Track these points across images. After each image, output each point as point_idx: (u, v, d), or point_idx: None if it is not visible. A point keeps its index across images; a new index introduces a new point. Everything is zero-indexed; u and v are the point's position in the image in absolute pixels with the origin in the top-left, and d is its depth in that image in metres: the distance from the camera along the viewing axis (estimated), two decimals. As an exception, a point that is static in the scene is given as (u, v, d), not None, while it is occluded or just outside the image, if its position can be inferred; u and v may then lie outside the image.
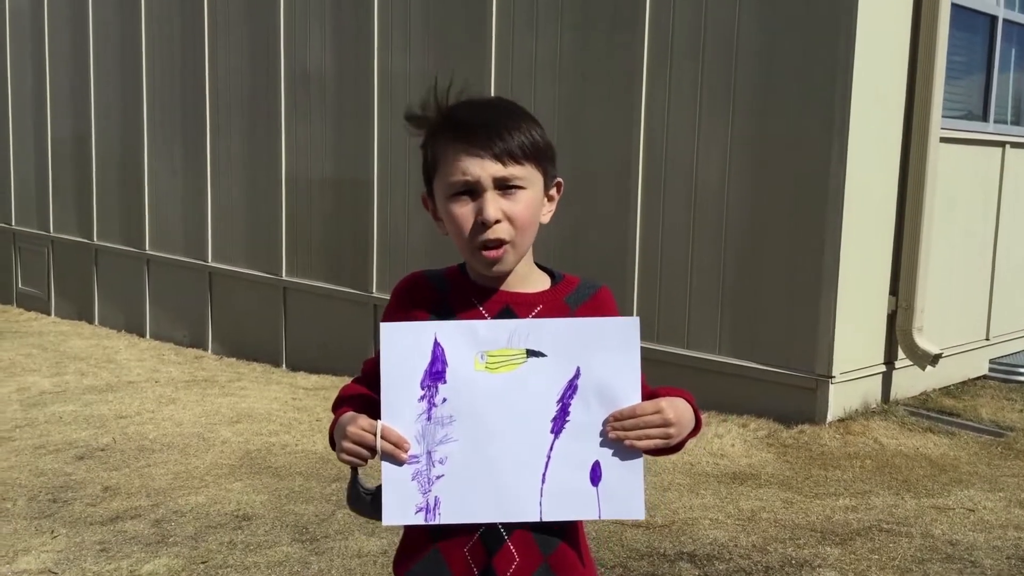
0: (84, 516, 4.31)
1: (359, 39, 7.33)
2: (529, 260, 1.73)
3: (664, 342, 5.94)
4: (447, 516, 1.59)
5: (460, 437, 1.58)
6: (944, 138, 5.86)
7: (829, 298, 5.40)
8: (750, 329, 5.71)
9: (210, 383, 7.12)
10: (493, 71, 6.55)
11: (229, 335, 8.58)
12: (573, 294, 1.74)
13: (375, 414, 1.61)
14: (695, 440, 1.77)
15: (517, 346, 1.59)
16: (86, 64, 9.68)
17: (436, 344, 1.58)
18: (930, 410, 5.87)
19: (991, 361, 6.84)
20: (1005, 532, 4.14)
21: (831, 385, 5.46)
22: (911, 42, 5.68)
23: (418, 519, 1.59)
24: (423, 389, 1.58)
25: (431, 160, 1.69)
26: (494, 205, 1.61)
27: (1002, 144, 6.71)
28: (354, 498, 1.76)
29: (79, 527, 4.18)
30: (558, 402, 1.59)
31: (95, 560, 3.84)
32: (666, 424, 1.58)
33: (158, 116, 9.00)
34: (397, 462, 1.59)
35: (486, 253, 1.63)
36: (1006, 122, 6.95)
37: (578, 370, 1.58)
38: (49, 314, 10.46)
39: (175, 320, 9.05)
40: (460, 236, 1.64)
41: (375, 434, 1.58)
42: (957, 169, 6.22)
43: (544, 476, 1.58)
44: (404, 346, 1.59)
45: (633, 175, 6.00)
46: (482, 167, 1.61)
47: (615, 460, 1.58)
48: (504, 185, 1.62)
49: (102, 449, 5.32)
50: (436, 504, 1.58)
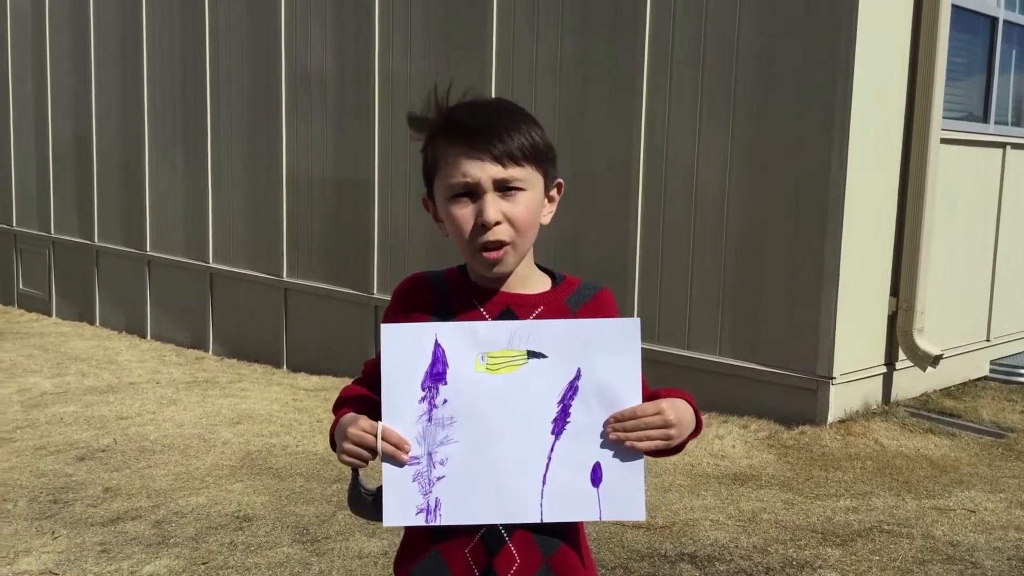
0: (85, 517, 4.31)
1: (360, 40, 7.33)
2: (530, 261, 1.73)
3: (665, 343, 5.95)
4: (448, 517, 1.59)
5: (461, 438, 1.58)
6: (945, 139, 5.86)
7: (830, 299, 5.40)
8: (751, 330, 5.71)
9: (211, 384, 7.12)
10: (494, 73, 6.55)
11: (230, 336, 8.59)
12: (574, 295, 1.74)
13: (376, 415, 1.61)
14: (696, 441, 1.77)
15: (518, 347, 1.59)
16: (87, 65, 9.68)
17: (437, 345, 1.59)
18: (931, 411, 5.87)
19: (992, 362, 6.84)
20: (1006, 533, 4.14)
21: (832, 386, 5.47)
22: (911, 44, 5.68)
23: (419, 520, 1.59)
24: (424, 390, 1.59)
25: (431, 162, 1.69)
26: (494, 207, 1.61)
27: (1003, 145, 6.71)
28: (355, 500, 1.76)
29: (80, 528, 4.18)
30: (559, 403, 1.59)
31: (96, 561, 3.84)
32: (667, 425, 1.58)
33: (159, 117, 9.01)
34: (398, 463, 1.59)
35: (486, 254, 1.63)
36: (1006, 123, 6.95)
37: (579, 371, 1.58)
38: (50, 315, 10.47)
39: (176, 321, 9.06)
40: (460, 238, 1.65)
41: (376, 435, 1.58)
42: (958, 170, 6.22)
43: (545, 477, 1.58)
44: (405, 347, 1.59)
45: (634, 176, 6.01)
46: (482, 169, 1.61)
47: (616, 461, 1.58)
48: (504, 187, 1.62)
49: (103, 450, 5.33)
50: (437, 505, 1.58)
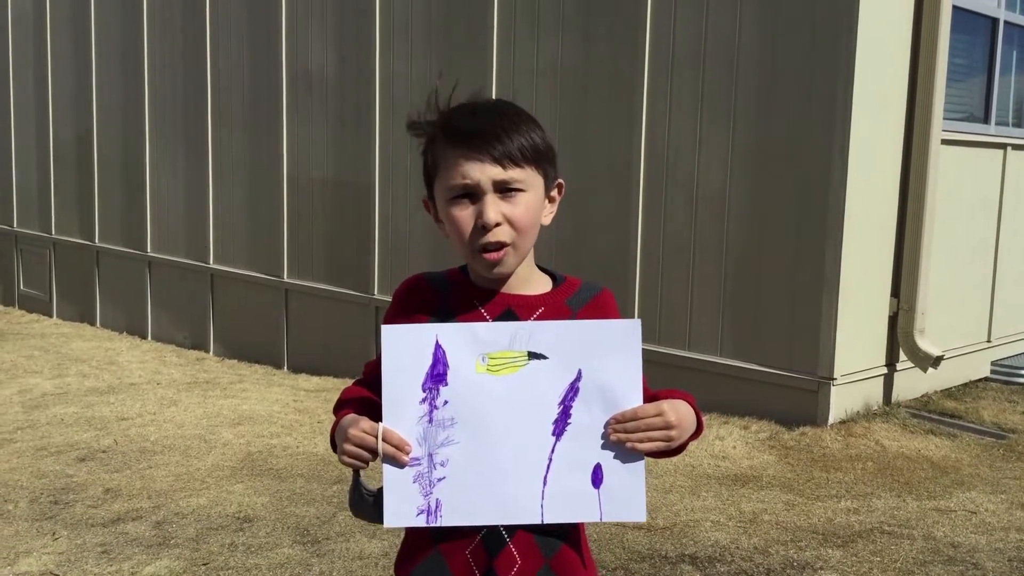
0: (85, 518, 4.31)
1: (360, 41, 7.33)
2: (530, 262, 1.73)
3: (666, 344, 5.94)
4: (448, 518, 1.59)
5: (461, 439, 1.58)
6: (945, 140, 5.86)
7: (830, 300, 5.40)
8: (752, 331, 5.71)
9: (211, 385, 7.12)
10: (494, 74, 6.56)
11: (230, 337, 8.59)
12: (575, 296, 1.74)
13: (376, 416, 1.61)
14: (696, 442, 1.77)
15: (518, 348, 1.59)
16: (88, 66, 9.68)
17: (437, 346, 1.58)
18: (931, 412, 5.86)
19: (992, 363, 6.83)
20: (1007, 534, 4.14)
21: (832, 387, 5.46)
22: (912, 44, 5.68)
23: (419, 521, 1.59)
24: (424, 391, 1.58)
25: (431, 163, 1.69)
26: (494, 208, 1.61)
27: (1003, 146, 6.71)
28: (356, 502, 1.76)
29: (80, 529, 4.18)
30: (559, 404, 1.58)
31: (96, 562, 3.84)
32: (668, 426, 1.58)
33: (160, 118, 9.01)
34: (398, 464, 1.59)
35: (486, 255, 1.63)
36: (1007, 124, 6.95)
37: (579, 372, 1.58)
38: (51, 316, 10.47)
39: (177, 322, 9.06)
40: (460, 239, 1.65)
41: (376, 436, 1.58)
42: (958, 171, 6.22)
43: (545, 478, 1.58)
44: (405, 348, 1.59)
45: (634, 177, 6.01)
46: (482, 170, 1.61)
47: (616, 462, 1.58)
48: (504, 188, 1.62)
49: (103, 451, 5.32)
50: (437, 506, 1.58)
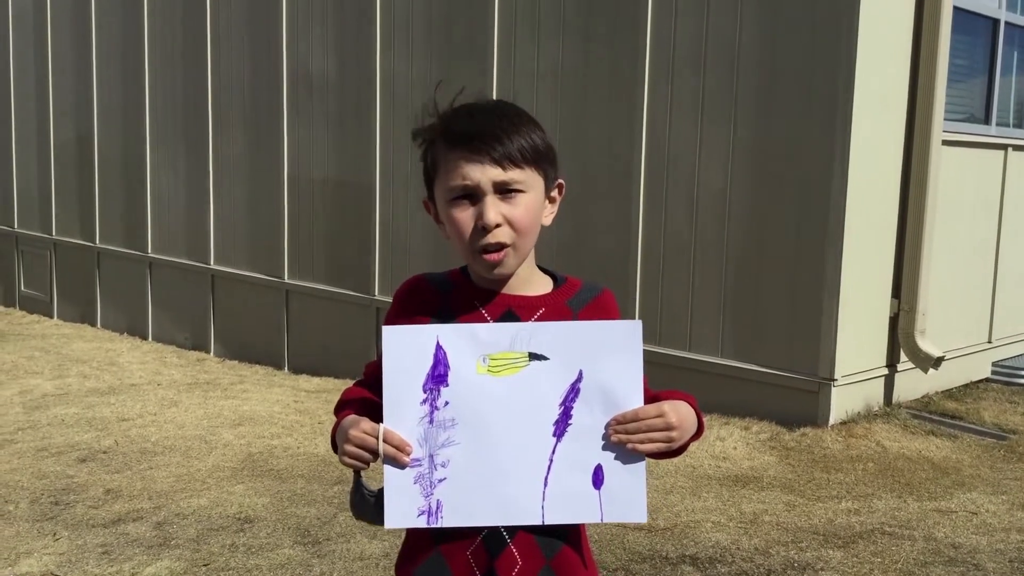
0: (86, 518, 4.31)
1: (361, 42, 7.33)
2: (531, 263, 1.73)
3: (666, 345, 5.94)
4: (449, 519, 1.58)
5: (462, 440, 1.58)
6: (946, 141, 5.86)
7: (831, 301, 5.40)
8: (752, 332, 5.71)
9: (212, 386, 7.12)
10: (495, 75, 6.55)
11: (231, 338, 8.59)
12: (575, 297, 1.74)
13: (377, 417, 1.61)
14: (697, 443, 1.76)
15: (519, 349, 1.59)
16: (89, 67, 9.68)
17: (438, 347, 1.58)
18: (932, 413, 5.86)
19: (993, 364, 6.83)
20: (1008, 535, 4.14)
21: (833, 388, 5.46)
22: (913, 45, 5.68)
23: (420, 522, 1.59)
24: (425, 392, 1.58)
25: (432, 164, 1.69)
26: (494, 209, 1.61)
27: (1004, 147, 6.71)
28: (357, 503, 1.76)
29: (81, 529, 4.18)
30: (560, 405, 1.58)
31: (97, 563, 3.84)
32: (668, 427, 1.58)
33: (160, 119, 9.01)
34: (399, 465, 1.58)
35: (487, 256, 1.63)
36: (1008, 125, 6.95)
37: (580, 373, 1.58)
38: (51, 317, 10.47)
39: (177, 323, 9.06)
40: (461, 240, 1.65)
41: (377, 437, 1.58)
42: (959, 172, 6.22)
43: (546, 479, 1.58)
44: (406, 349, 1.59)
45: (635, 178, 6.01)
46: (482, 172, 1.61)
47: (617, 463, 1.58)
48: (504, 189, 1.62)
49: (104, 452, 5.33)
50: (438, 507, 1.58)
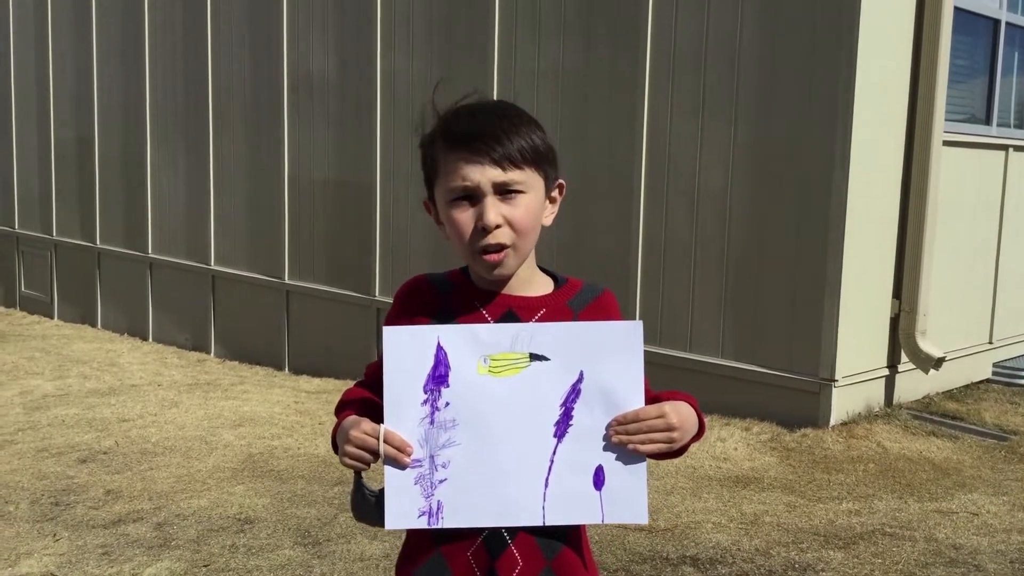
0: (86, 519, 4.31)
1: (361, 42, 7.33)
2: (532, 263, 1.73)
3: (667, 345, 5.94)
4: (450, 520, 1.58)
5: (463, 441, 1.58)
6: (947, 141, 5.85)
7: (832, 301, 5.40)
8: (753, 333, 5.71)
9: (213, 386, 7.12)
10: (495, 75, 6.55)
11: (232, 338, 8.59)
12: (576, 297, 1.74)
13: (378, 418, 1.60)
14: (698, 444, 1.76)
15: (520, 350, 1.58)
16: (89, 68, 9.69)
17: (439, 348, 1.58)
18: (933, 414, 5.86)
19: (994, 365, 6.83)
20: (1009, 536, 4.13)
21: (834, 388, 5.46)
22: (914, 46, 5.68)
23: (421, 523, 1.59)
24: (426, 393, 1.58)
25: (432, 165, 1.68)
26: (494, 210, 1.61)
27: (1005, 147, 6.71)
28: (358, 503, 1.75)
29: (81, 530, 4.18)
30: (561, 406, 1.58)
31: (97, 563, 3.84)
32: (669, 428, 1.58)
33: (161, 119, 9.01)
34: (400, 466, 1.58)
35: (487, 257, 1.63)
36: (1009, 125, 6.95)
37: (581, 374, 1.58)
38: (52, 317, 10.47)
39: (178, 323, 9.06)
40: (461, 241, 1.64)
41: (378, 438, 1.58)
42: (960, 172, 6.22)
43: (547, 480, 1.58)
44: (407, 350, 1.58)
45: (636, 178, 6.00)
46: (482, 173, 1.61)
47: (618, 464, 1.58)
48: (504, 190, 1.62)
49: (104, 452, 5.32)
50: (439, 508, 1.58)
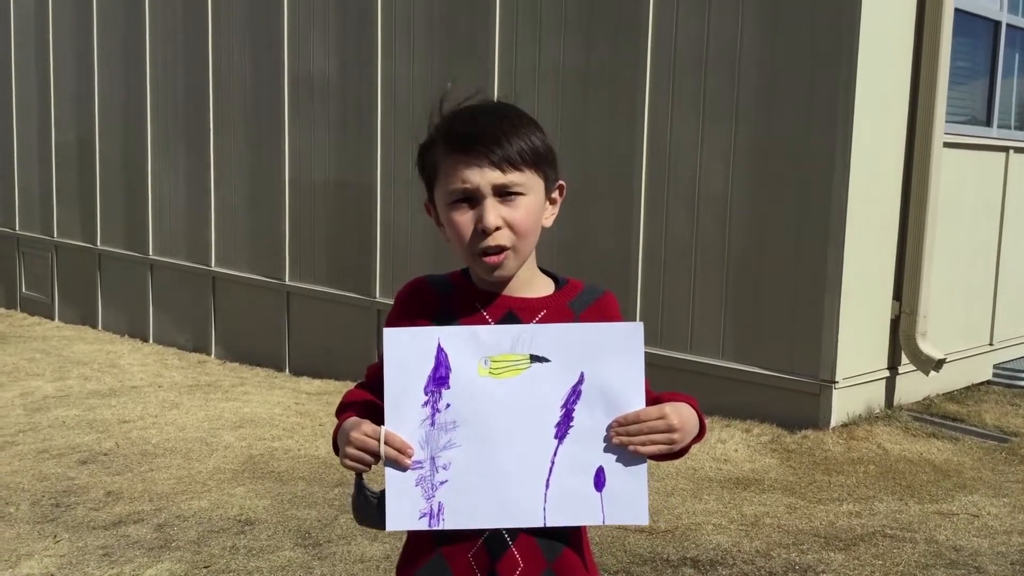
0: (87, 520, 4.31)
1: (362, 44, 7.33)
2: (532, 265, 1.73)
3: (667, 347, 5.94)
4: (451, 521, 1.58)
5: (464, 442, 1.58)
6: (947, 143, 5.85)
7: (832, 303, 5.40)
8: (753, 334, 5.70)
9: (213, 388, 7.12)
10: (496, 77, 6.55)
11: (232, 340, 8.59)
12: (577, 299, 1.74)
13: (379, 420, 1.60)
14: (699, 445, 1.76)
15: (521, 351, 1.58)
16: (90, 69, 9.69)
17: (439, 349, 1.58)
18: (934, 415, 5.86)
19: (995, 366, 6.82)
20: (1009, 538, 4.13)
21: (834, 390, 5.46)
22: (914, 47, 5.68)
23: (422, 525, 1.59)
24: (427, 395, 1.58)
25: (432, 167, 1.68)
26: (494, 212, 1.61)
27: (1006, 149, 6.71)
28: (360, 505, 1.75)
29: (82, 531, 4.18)
30: (562, 407, 1.58)
31: (98, 564, 3.84)
32: (670, 429, 1.58)
33: (162, 121, 9.01)
34: (401, 468, 1.58)
35: (487, 259, 1.63)
36: (1009, 127, 6.95)
37: (582, 375, 1.58)
38: (52, 319, 10.47)
39: (178, 325, 9.06)
40: (461, 243, 1.65)
41: (379, 440, 1.58)
42: (960, 174, 6.22)
43: (548, 481, 1.58)
44: (407, 352, 1.58)
45: (636, 180, 6.00)
46: (481, 175, 1.60)
47: (619, 465, 1.58)
48: (504, 192, 1.62)
49: (105, 454, 5.32)
50: (440, 509, 1.58)
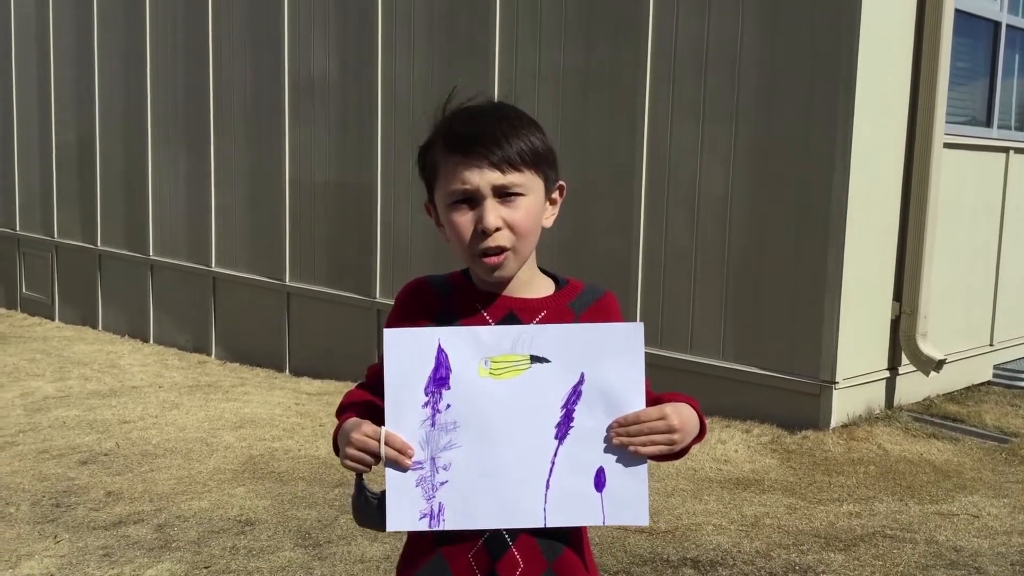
0: (87, 521, 4.31)
1: (362, 45, 7.33)
2: (532, 265, 1.73)
3: (667, 347, 5.94)
4: (451, 522, 1.58)
5: (464, 443, 1.58)
6: (948, 144, 5.85)
7: (832, 304, 5.40)
8: (754, 335, 5.70)
9: (213, 388, 7.12)
10: (496, 78, 6.55)
11: (232, 340, 8.59)
12: (577, 299, 1.74)
13: (379, 420, 1.60)
14: (699, 446, 1.76)
15: (521, 352, 1.58)
16: (91, 70, 9.69)
17: (440, 350, 1.58)
18: (934, 416, 5.86)
19: (995, 367, 6.82)
20: (1009, 538, 4.13)
21: (835, 391, 5.46)
22: (915, 48, 5.68)
23: (422, 525, 1.59)
24: (427, 395, 1.58)
25: (432, 168, 1.68)
26: (494, 213, 1.61)
27: (1006, 150, 6.71)
28: (360, 506, 1.75)
29: (82, 532, 4.18)
30: (562, 408, 1.58)
31: (98, 565, 3.84)
32: (671, 430, 1.58)
33: (162, 121, 9.02)
34: (401, 468, 1.58)
35: (487, 260, 1.63)
36: (1010, 128, 6.95)
37: (582, 376, 1.58)
38: (53, 319, 10.47)
39: (178, 325, 9.06)
40: (461, 244, 1.65)
41: (379, 441, 1.58)
42: (961, 174, 6.22)
43: (548, 482, 1.58)
44: (408, 352, 1.58)
45: (636, 180, 6.01)
46: (481, 176, 1.60)
47: (619, 466, 1.58)
48: (503, 193, 1.62)
49: (105, 454, 5.32)
50: (440, 510, 1.58)
